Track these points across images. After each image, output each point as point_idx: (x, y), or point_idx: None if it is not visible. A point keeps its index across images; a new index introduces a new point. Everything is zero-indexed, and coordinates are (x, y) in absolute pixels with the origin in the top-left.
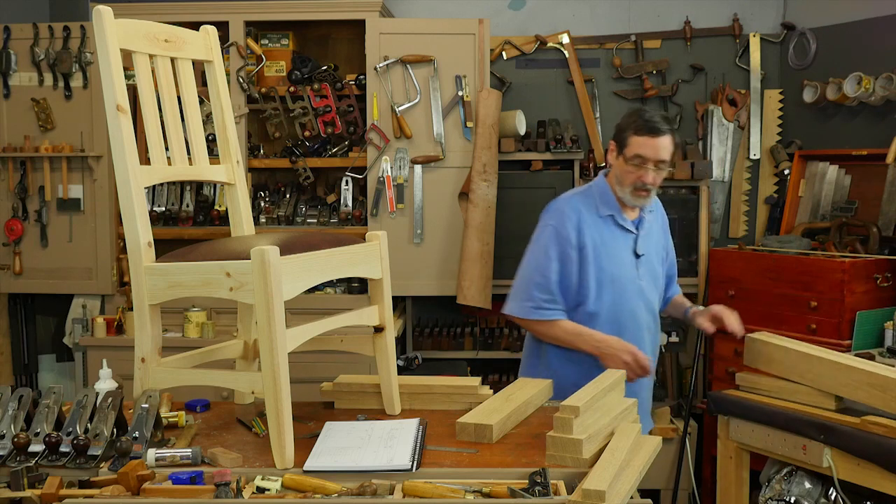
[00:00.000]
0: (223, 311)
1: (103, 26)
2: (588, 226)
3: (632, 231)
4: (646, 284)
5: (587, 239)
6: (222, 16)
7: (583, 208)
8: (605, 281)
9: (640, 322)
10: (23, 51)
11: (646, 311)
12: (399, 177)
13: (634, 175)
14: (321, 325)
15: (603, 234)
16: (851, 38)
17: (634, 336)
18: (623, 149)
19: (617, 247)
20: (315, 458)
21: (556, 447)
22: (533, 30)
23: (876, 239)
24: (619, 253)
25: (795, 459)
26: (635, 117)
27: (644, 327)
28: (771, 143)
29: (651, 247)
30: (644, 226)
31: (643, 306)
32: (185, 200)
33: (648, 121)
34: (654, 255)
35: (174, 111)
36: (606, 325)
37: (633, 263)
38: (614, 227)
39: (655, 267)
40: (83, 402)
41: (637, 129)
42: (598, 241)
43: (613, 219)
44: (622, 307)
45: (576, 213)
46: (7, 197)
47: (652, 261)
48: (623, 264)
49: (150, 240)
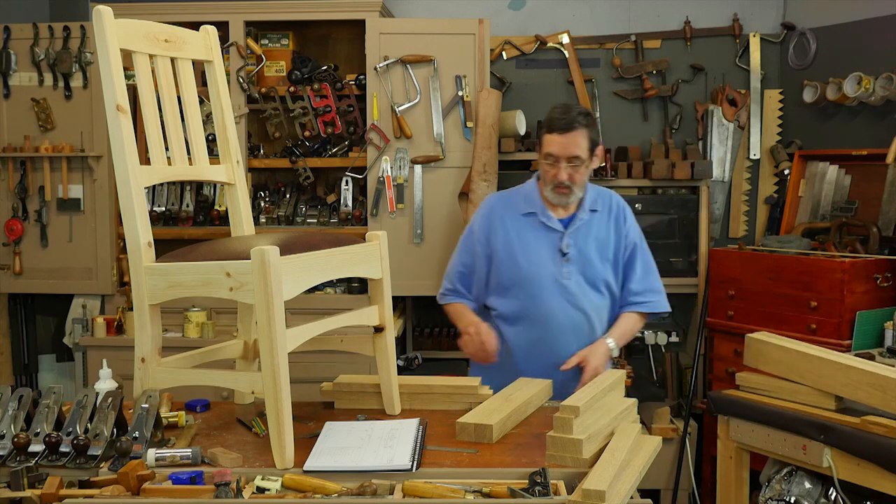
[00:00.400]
0: (223, 311)
1: (103, 26)
2: (504, 223)
3: (557, 229)
4: (572, 284)
5: (499, 236)
6: (222, 16)
7: (502, 206)
8: (517, 278)
9: (559, 321)
10: (23, 51)
11: (573, 311)
12: (399, 177)
13: (550, 173)
14: (321, 325)
15: (521, 232)
16: (851, 38)
17: (551, 335)
18: (540, 147)
19: (537, 245)
20: (315, 458)
21: (556, 447)
22: (533, 30)
23: (876, 239)
24: (538, 251)
25: (795, 459)
26: (549, 115)
27: (567, 328)
28: (771, 143)
29: (589, 247)
30: (577, 224)
31: (568, 306)
32: (185, 200)
33: (557, 118)
34: (593, 254)
35: (174, 111)
36: (521, 321)
37: (555, 262)
38: (537, 225)
39: (595, 267)
40: (83, 402)
41: (548, 127)
42: (514, 239)
43: (536, 217)
44: (537, 305)
45: (491, 211)
46: (7, 197)
47: (590, 261)
48: (542, 263)
49: (150, 240)
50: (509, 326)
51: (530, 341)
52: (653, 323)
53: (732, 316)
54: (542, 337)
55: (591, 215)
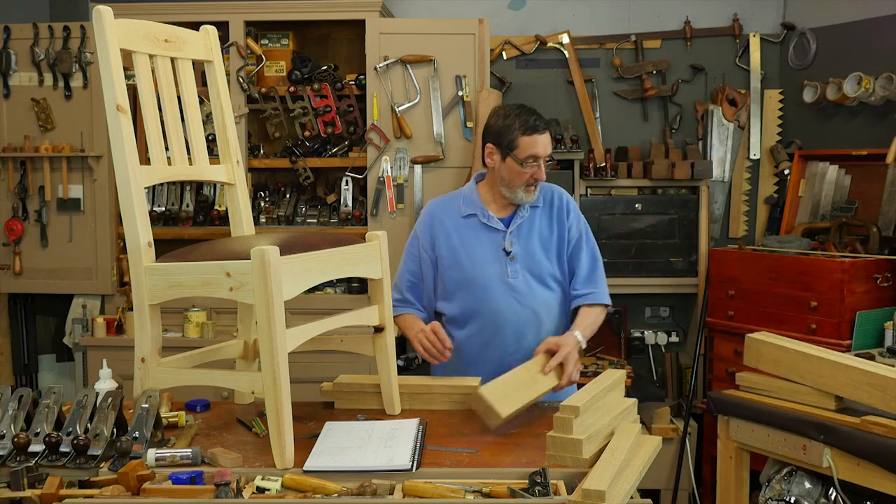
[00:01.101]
0: (223, 311)
1: (103, 26)
2: (445, 228)
3: (499, 229)
4: (520, 283)
5: (442, 241)
6: (222, 16)
7: (442, 211)
8: (463, 281)
9: (508, 321)
10: (23, 51)
11: (522, 309)
12: (399, 177)
13: (528, 174)
14: (321, 325)
15: (464, 235)
16: (851, 38)
17: (502, 335)
18: (511, 150)
19: (480, 246)
20: (315, 458)
21: (556, 447)
22: (533, 30)
23: (876, 239)
24: (482, 252)
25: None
26: (514, 118)
27: (517, 327)
28: (771, 143)
29: (534, 243)
30: (518, 222)
31: (517, 305)
32: (185, 200)
33: (530, 120)
34: (537, 250)
35: (174, 111)
36: (470, 324)
37: (500, 262)
38: (478, 226)
39: (541, 264)
40: (83, 402)
41: (524, 130)
42: (458, 243)
43: (477, 218)
44: (484, 307)
45: (432, 216)
46: (7, 197)
47: (535, 258)
48: (486, 264)
49: (150, 240)
50: (459, 330)
51: (481, 343)
52: (653, 323)
53: (732, 316)
54: (493, 338)
55: (531, 211)
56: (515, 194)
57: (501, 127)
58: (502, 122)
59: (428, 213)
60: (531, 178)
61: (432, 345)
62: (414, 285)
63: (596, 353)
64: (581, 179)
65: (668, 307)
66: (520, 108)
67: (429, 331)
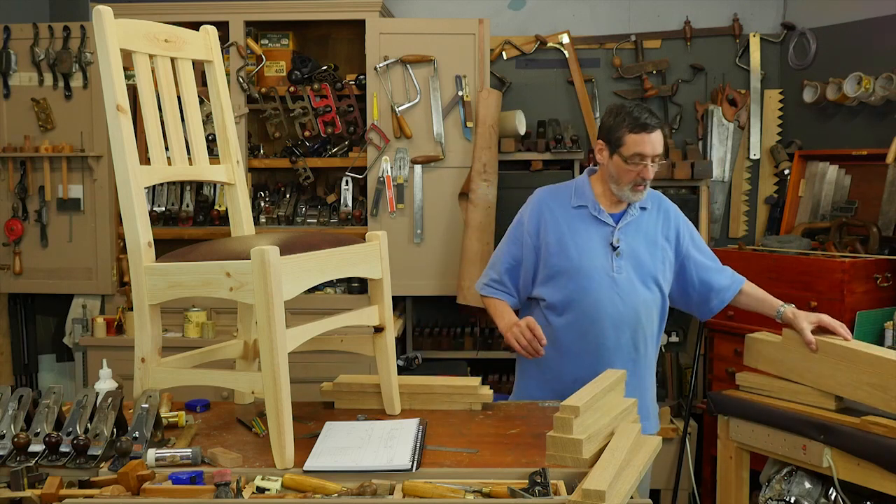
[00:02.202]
0: (223, 311)
1: (103, 26)
2: (555, 216)
3: (608, 223)
4: (623, 279)
5: (550, 228)
6: (222, 16)
7: (552, 199)
8: (568, 269)
9: (608, 314)
10: (23, 51)
11: (623, 306)
12: (399, 177)
13: (634, 172)
14: (321, 325)
15: (573, 225)
16: (851, 38)
17: (599, 327)
18: (618, 148)
19: (588, 237)
20: (315, 458)
21: (556, 447)
22: (533, 30)
23: (876, 239)
24: (590, 244)
25: (795, 459)
26: (625, 115)
27: (616, 321)
28: (771, 143)
29: (640, 242)
30: (628, 220)
31: (618, 300)
32: (185, 200)
33: (641, 118)
34: (643, 250)
35: (174, 111)
36: (569, 312)
37: (606, 255)
38: (588, 218)
39: (646, 263)
40: (83, 402)
41: (632, 128)
42: (566, 232)
43: (587, 210)
44: (585, 297)
45: (541, 203)
46: (7, 197)
47: (640, 257)
48: (593, 255)
49: (150, 240)
50: (557, 317)
51: (578, 332)
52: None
53: (732, 316)
54: (590, 328)
55: (640, 212)
56: (623, 192)
57: (612, 124)
58: (613, 119)
59: (537, 199)
60: (637, 176)
61: (528, 342)
62: (513, 268)
63: None
64: None
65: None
66: (635, 105)
67: (524, 326)
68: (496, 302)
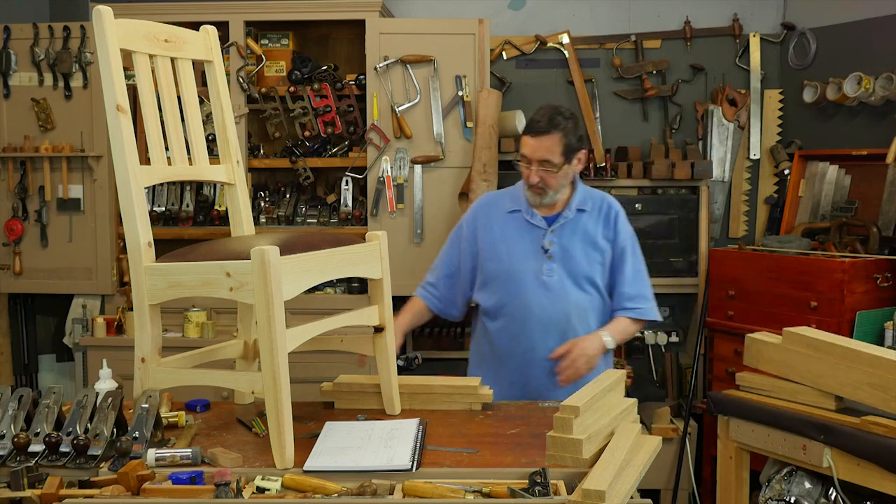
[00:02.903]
0: (223, 311)
1: (103, 26)
2: (491, 220)
3: (539, 227)
4: (554, 282)
5: (485, 233)
6: (222, 16)
7: (490, 205)
8: (499, 274)
9: (537, 317)
10: (23, 51)
11: (552, 309)
12: (399, 177)
13: (524, 174)
14: (321, 325)
15: (506, 230)
16: (851, 38)
17: (530, 331)
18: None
19: (521, 242)
20: (315, 458)
21: (556, 447)
22: (533, 30)
23: (876, 239)
24: (521, 248)
25: (795, 459)
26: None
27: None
28: (771, 143)
29: (574, 245)
30: (562, 222)
31: (547, 303)
32: (185, 200)
33: (535, 120)
34: (577, 252)
35: (174, 111)
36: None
37: (537, 258)
38: (521, 222)
39: (580, 266)
40: (83, 402)
41: (525, 128)
42: (499, 236)
43: (520, 214)
44: (514, 301)
45: (478, 209)
46: (7, 197)
47: (574, 259)
48: (523, 259)
49: (150, 240)
50: (491, 321)
51: (510, 336)
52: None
53: (732, 316)
54: (520, 332)
55: (577, 214)
56: (525, 191)
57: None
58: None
59: (476, 205)
60: (526, 178)
61: None
62: (452, 274)
63: None
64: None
65: (667, 307)
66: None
67: None
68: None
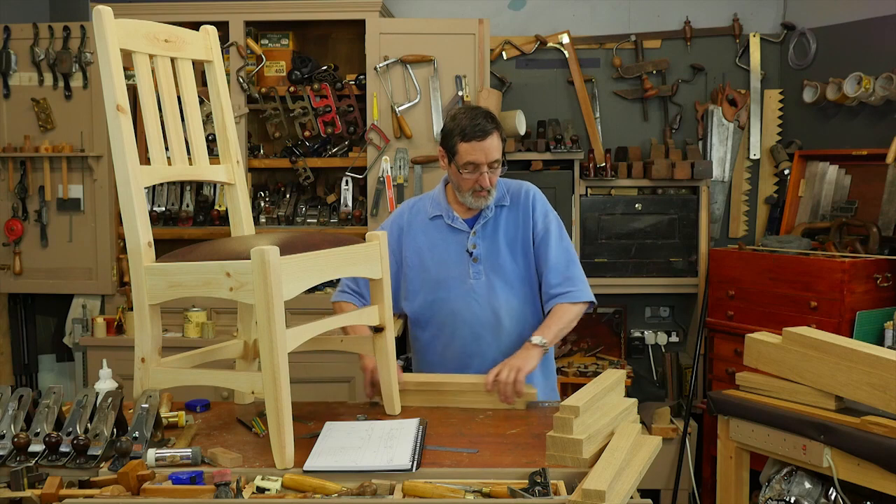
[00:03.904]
0: (223, 311)
1: (103, 26)
2: (414, 229)
3: (463, 230)
4: (481, 284)
5: (409, 242)
6: (222, 16)
7: (411, 212)
8: (426, 283)
9: (467, 322)
10: (23, 51)
11: (482, 311)
12: (399, 177)
13: (471, 181)
14: (321, 325)
15: (430, 237)
16: (851, 38)
17: (459, 337)
18: (453, 157)
19: (446, 248)
20: (315, 458)
21: (556, 447)
22: (533, 30)
23: (876, 239)
24: (447, 254)
25: (795, 459)
26: (457, 123)
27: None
28: (771, 143)
29: (499, 243)
30: (482, 222)
31: (476, 306)
32: (185, 200)
33: (472, 125)
34: (503, 250)
35: (174, 111)
36: (431, 325)
37: (463, 263)
38: (444, 227)
39: (505, 264)
40: (83, 402)
41: (463, 136)
42: (424, 245)
43: (442, 219)
44: (442, 308)
45: (400, 217)
46: (7, 197)
47: (500, 257)
48: (449, 265)
49: (150, 240)
50: (422, 331)
51: (442, 344)
52: (653, 323)
53: (732, 316)
54: (451, 339)
55: (497, 211)
56: (465, 199)
57: (447, 131)
58: (449, 127)
59: (397, 213)
60: (475, 184)
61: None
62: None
63: (596, 353)
64: (581, 179)
65: (668, 307)
66: (470, 111)
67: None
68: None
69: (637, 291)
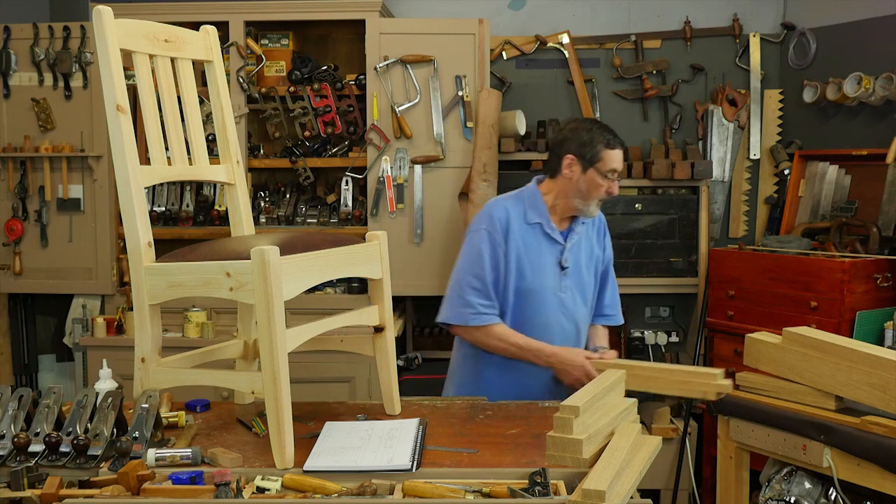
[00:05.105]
0: (223, 311)
1: (103, 26)
2: (514, 232)
3: (559, 242)
4: (568, 297)
5: (512, 245)
6: (222, 16)
7: (512, 214)
8: (524, 291)
9: (554, 332)
10: (23, 51)
11: (567, 324)
12: (399, 177)
13: (605, 188)
14: (321, 325)
15: (528, 243)
16: (851, 38)
17: None
18: (595, 163)
19: (541, 257)
20: (315, 458)
21: (556, 447)
22: (533, 30)
23: (876, 239)
24: (543, 263)
25: (795, 459)
26: (598, 131)
27: (560, 339)
28: (771, 143)
29: (581, 258)
30: (573, 237)
31: (563, 319)
32: (185, 200)
33: (612, 135)
34: (583, 266)
35: (174, 111)
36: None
37: (556, 275)
38: (541, 236)
39: (585, 279)
40: (83, 402)
41: (609, 144)
42: (523, 250)
43: (541, 227)
44: (536, 319)
45: (505, 219)
46: (7, 197)
47: (581, 273)
48: (545, 275)
49: (150, 240)
50: None
51: None
52: (653, 323)
53: (732, 316)
54: None
55: (582, 227)
56: (588, 207)
57: (586, 139)
58: (587, 135)
59: (504, 214)
60: (606, 192)
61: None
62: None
63: None
64: None
65: (668, 307)
66: (590, 121)
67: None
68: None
69: (637, 291)
